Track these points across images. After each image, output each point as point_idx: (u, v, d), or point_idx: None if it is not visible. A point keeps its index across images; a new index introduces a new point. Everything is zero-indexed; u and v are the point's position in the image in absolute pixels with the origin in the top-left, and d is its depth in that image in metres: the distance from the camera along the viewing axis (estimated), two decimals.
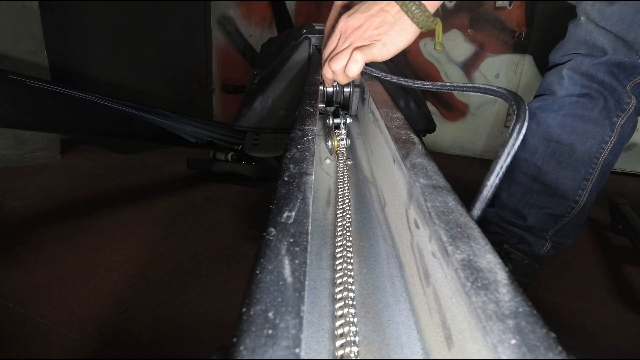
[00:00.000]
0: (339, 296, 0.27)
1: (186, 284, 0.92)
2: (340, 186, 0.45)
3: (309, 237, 0.22)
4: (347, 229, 0.36)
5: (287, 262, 0.19)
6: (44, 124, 1.10)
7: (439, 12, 0.54)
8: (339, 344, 0.23)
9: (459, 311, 0.19)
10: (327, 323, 0.26)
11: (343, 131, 0.58)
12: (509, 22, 2.07)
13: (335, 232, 0.37)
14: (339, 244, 0.34)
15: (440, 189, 0.27)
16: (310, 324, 0.26)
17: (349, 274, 0.29)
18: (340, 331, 0.24)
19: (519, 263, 0.89)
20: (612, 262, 1.16)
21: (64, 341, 0.73)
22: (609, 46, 0.73)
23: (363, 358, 0.25)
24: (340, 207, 0.41)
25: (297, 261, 0.19)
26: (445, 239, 0.21)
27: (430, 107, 2.30)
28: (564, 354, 0.14)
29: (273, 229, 0.21)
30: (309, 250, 0.20)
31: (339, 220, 0.38)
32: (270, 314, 0.15)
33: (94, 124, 1.25)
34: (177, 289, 0.90)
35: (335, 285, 0.28)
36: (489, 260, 0.20)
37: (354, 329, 0.24)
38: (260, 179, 1.61)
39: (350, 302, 0.26)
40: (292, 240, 0.21)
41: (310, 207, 0.24)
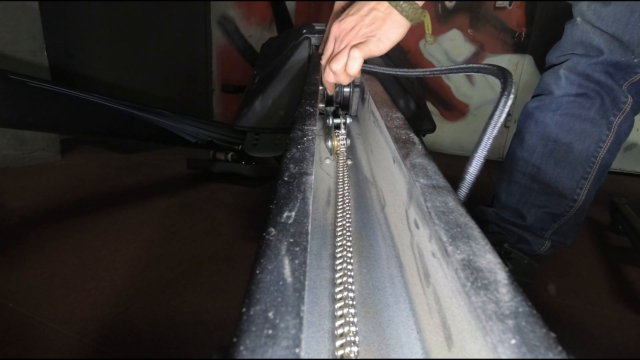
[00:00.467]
0: (339, 296, 0.27)
1: (186, 283, 0.92)
2: (340, 186, 0.45)
3: (309, 237, 0.22)
4: (347, 229, 0.36)
5: (287, 262, 0.19)
6: (44, 124, 1.10)
7: (431, 7, 0.56)
8: (339, 344, 0.23)
9: (459, 311, 0.19)
10: (327, 323, 0.26)
11: (343, 131, 0.58)
12: (509, 22, 2.07)
13: (335, 232, 0.37)
14: (339, 244, 0.34)
15: (440, 189, 0.27)
16: (310, 324, 0.26)
17: (349, 274, 0.29)
18: (340, 331, 0.24)
19: (519, 263, 0.89)
20: (612, 262, 1.15)
21: (64, 341, 0.73)
22: (605, 46, 0.73)
23: (363, 358, 0.25)
24: (340, 207, 0.41)
25: (297, 261, 0.19)
26: (445, 239, 0.21)
27: (430, 107, 2.30)
28: (564, 354, 0.14)
29: (273, 229, 0.21)
30: (309, 250, 0.20)
31: (339, 220, 0.38)
32: (270, 314, 0.15)
33: (94, 124, 1.24)
34: (177, 288, 0.90)
35: (335, 285, 0.28)
36: (489, 260, 0.20)
37: (354, 329, 0.24)
38: (260, 179, 1.61)
39: (350, 302, 0.26)
40: (292, 240, 0.21)
41: (310, 207, 0.24)
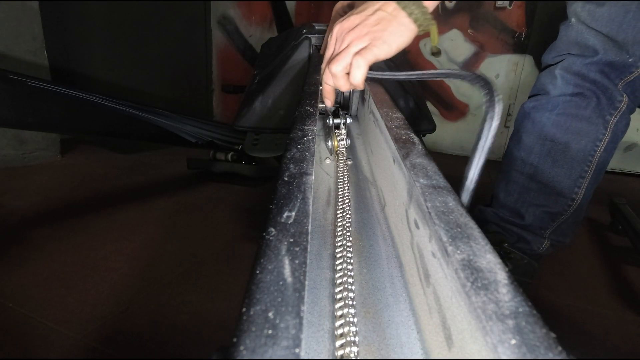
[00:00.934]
0: (339, 296, 0.27)
1: (186, 283, 0.92)
2: (340, 186, 0.45)
3: (309, 237, 0.22)
4: (347, 229, 0.36)
5: (287, 262, 0.19)
6: (44, 124, 1.10)
7: (438, 12, 0.53)
8: (339, 344, 0.23)
9: (459, 311, 0.19)
10: (327, 323, 0.26)
11: (343, 131, 0.58)
12: (509, 22, 2.07)
13: (335, 232, 0.37)
14: (339, 244, 0.34)
15: (440, 189, 0.27)
16: (310, 324, 0.26)
17: (349, 274, 0.29)
18: (340, 331, 0.24)
19: (519, 263, 0.89)
20: (612, 262, 1.15)
21: (64, 341, 0.73)
22: (600, 46, 0.74)
23: (363, 358, 0.25)
24: (340, 207, 0.41)
25: (297, 261, 0.19)
26: (445, 239, 0.21)
27: (430, 107, 2.30)
28: (564, 354, 0.14)
29: (273, 229, 0.21)
30: (309, 250, 0.20)
31: (339, 220, 0.38)
32: (270, 314, 0.15)
33: (94, 124, 1.25)
34: (177, 288, 0.90)
35: (335, 285, 0.28)
36: (489, 260, 0.20)
37: (353, 329, 0.24)
38: (260, 179, 1.61)
39: (350, 302, 0.26)
40: (292, 240, 0.21)
41: (310, 207, 0.24)
